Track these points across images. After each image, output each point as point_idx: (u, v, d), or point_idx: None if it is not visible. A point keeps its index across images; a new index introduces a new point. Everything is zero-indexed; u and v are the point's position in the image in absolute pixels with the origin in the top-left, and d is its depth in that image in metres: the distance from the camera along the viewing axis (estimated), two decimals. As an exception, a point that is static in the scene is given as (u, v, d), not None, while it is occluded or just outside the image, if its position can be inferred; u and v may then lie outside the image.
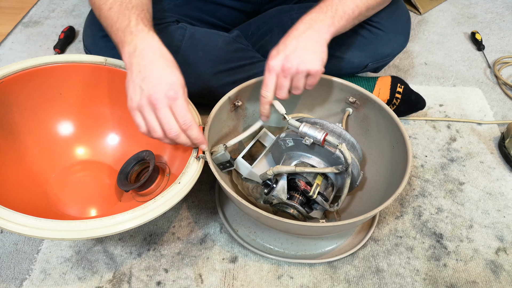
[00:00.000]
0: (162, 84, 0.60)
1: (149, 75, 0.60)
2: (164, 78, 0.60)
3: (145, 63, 0.61)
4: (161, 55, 0.63)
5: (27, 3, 1.39)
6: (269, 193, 0.70)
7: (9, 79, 0.70)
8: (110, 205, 0.76)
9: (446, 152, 0.96)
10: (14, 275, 0.72)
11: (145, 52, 0.62)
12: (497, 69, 1.18)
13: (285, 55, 0.66)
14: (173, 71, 0.62)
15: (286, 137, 0.71)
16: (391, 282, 0.73)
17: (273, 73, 0.67)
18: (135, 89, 0.61)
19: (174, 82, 0.61)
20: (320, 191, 0.69)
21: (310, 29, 0.69)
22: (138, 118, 0.63)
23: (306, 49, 0.67)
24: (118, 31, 0.65)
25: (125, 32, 0.64)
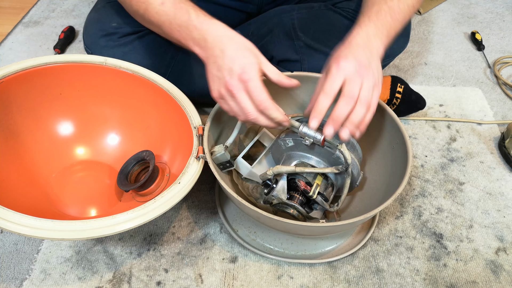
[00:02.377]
0: (234, 69, 0.60)
1: (222, 64, 0.61)
2: (236, 63, 0.60)
3: (217, 53, 0.62)
4: (230, 40, 0.63)
5: (27, 3, 1.39)
6: (269, 193, 0.70)
7: (9, 79, 0.70)
8: (110, 205, 0.77)
9: (446, 152, 0.96)
10: (14, 275, 0.72)
11: (215, 42, 0.62)
12: (497, 69, 1.18)
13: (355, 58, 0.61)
14: (244, 53, 0.61)
15: (286, 137, 0.71)
16: (391, 282, 0.73)
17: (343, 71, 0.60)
18: (214, 80, 0.63)
19: (245, 64, 0.60)
20: (320, 191, 0.69)
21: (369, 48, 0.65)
22: (224, 105, 0.64)
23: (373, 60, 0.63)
24: (181, 27, 0.66)
25: (189, 27, 0.65)
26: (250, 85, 0.59)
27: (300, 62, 0.94)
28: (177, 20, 0.66)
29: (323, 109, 0.61)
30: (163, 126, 0.79)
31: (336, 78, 0.60)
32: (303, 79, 0.80)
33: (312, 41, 0.93)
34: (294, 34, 0.93)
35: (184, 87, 0.78)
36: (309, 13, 0.94)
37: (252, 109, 0.61)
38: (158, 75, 0.78)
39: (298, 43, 0.93)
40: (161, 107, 0.78)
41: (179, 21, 0.66)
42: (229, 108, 0.63)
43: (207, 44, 0.63)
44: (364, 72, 0.61)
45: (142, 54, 0.85)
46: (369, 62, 0.62)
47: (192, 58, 0.87)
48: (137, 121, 0.81)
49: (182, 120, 0.74)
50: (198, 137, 0.71)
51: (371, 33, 0.66)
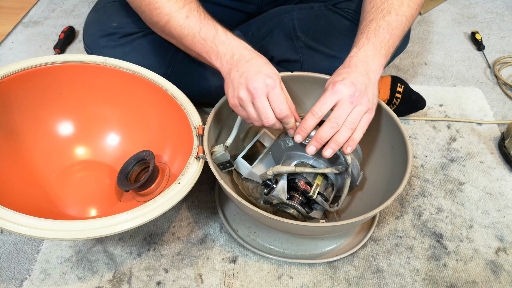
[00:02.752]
0: (261, 74, 0.61)
1: (247, 71, 0.62)
2: (262, 70, 0.62)
3: (243, 63, 0.64)
4: (257, 56, 0.65)
5: (27, 3, 1.39)
6: (269, 193, 0.70)
7: (9, 79, 0.70)
8: (110, 205, 0.77)
9: (446, 152, 0.96)
10: (14, 275, 0.72)
11: (241, 57, 0.64)
12: (497, 69, 1.18)
13: (352, 83, 0.63)
14: (270, 66, 0.64)
15: (286, 137, 0.71)
16: (391, 282, 0.73)
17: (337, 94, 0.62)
18: (234, 86, 0.63)
19: (272, 72, 0.62)
20: (320, 191, 0.69)
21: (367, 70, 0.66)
22: (241, 111, 0.65)
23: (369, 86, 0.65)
24: (206, 41, 0.67)
25: (215, 42, 0.66)
26: (274, 92, 0.62)
27: (300, 62, 0.94)
28: (202, 34, 0.67)
29: (308, 127, 0.64)
30: (163, 126, 0.79)
31: (328, 100, 0.63)
32: (303, 79, 0.80)
33: (312, 41, 0.93)
34: (294, 34, 0.93)
35: (184, 87, 0.78)
36: (309, 14, 0.94)
37: (271, 115, 0.62)
38: (158, 75, 0.78)
39: (298, 43, 0.93)
40: (161, 107, 0.78)
41: (205, 35, 0.67)
42: (246, 114, 0.65)
43: (233, 58, 0.65)
44: (358, 99, 0.62)
45: (142, 54, 0.85)
46: (365, 88, 0.64)
47: (191, 58, 0.87)
48: (137, 121, 0.81)
49: (182, 120, 0.74)
50: (198, 137, 0.71)
51: (369, 55, 0.67)
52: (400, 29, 0.71)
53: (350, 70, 0.65)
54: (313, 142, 0.63)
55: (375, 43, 0.68)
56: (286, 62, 0.95)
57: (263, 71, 0.62)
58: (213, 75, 0.88)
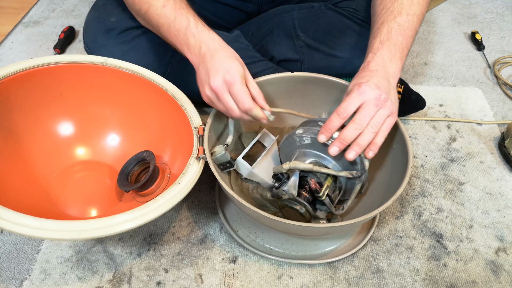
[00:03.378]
0: (220, 72, 0.64)
1: (209, 67, 0.65)
2: (222, 67, 0.64)
3: (207, 59, 0.66)
4: (222, 50, 0.66)
5: (27, 3, 1.39)
6: (279, 187, 0.70)
7: (9, 80, 0.70)
8: (111, 205, 0.77)
9: (446, 152, 0.96)
10: (14, 275, 0.72)
11: (207, 51, 0.66)
12: (497, 69, 1.18)
13: (377, 86, 0.63)
14: (231, 60, 0.65)
15: (303, 133, 0.71)
16: (391, 282, 0.73)
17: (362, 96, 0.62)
18: (202, 84, 0.67)
19: (231, 68, 0.64)
20: (328, 193, 0.69)
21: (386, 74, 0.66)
22: (214, 106, 0.68)
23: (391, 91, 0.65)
24: (179, 32, 0.69)
25: (187, 34, 0.68)
26: (233, 88, 0.64)
27: (300, 62, 0.94)
28: (176, 25, 0.69)
29: (333, 127, 0.64)
30: (163, 126, 0.79)
31: (353, 101, 0.63)
32: (303, 79, 0.81)
33: (312, 41, 0.93)
34: (294, 34, 0.93)
35: (184, 86, 0.78)
36: (309, 13, 0.94)
37: (236, 109, 0.65)
38: (158, 75, 0.78)
39: (298, 43, 0.93)
40: (162, 107, 0.78)
41: (178, 26, 0.68)
42: (218, 108, 0.68)
43: (200, 52, 0.67)
44: (383, 102, 0.63)
45: (141, 53, 0.85)
46: (388, 92, 0.64)
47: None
48: (138, 121, 0.81)
49: (182, 120, 0.74)
50: (198, 138, 0.71)
51: (386, 59, 0.67)
52: (412, 29, 0.70)
53: (372, 74, 0.65)
54: (336, 143, 0.63)
55: (389, 47, 0.67)
56: (286, 61, 0.95)
57: (223, 67, 0.64)
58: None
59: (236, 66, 0.64)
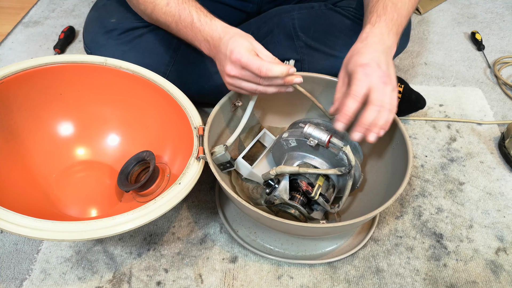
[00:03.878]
0: (226, 55, 0.64)
1: (220, 57, 0.66)
2: (227, 49, 0.63)
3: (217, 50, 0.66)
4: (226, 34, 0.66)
5: (27, 3, 1.39)
6: (271, 193, 0.70)
7: (9, 80, 0.70)
8: (111, 205, 0.77)
9: (446, 152, 0.96)
10: (14, 275, 0.72)
11: (215, 42, 0.67)
12: (497, 69, 1.18)
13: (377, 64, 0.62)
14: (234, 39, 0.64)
15: (288, 137, 0.71)
16: (391, 282, 0.73)
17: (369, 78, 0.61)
18: (223, 76, 0.67)
19: (233, 47, 0.63)
20: (322, 192, 0.69)
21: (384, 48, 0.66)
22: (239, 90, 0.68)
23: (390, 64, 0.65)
24: (187, 29, 0.70)
25: (193, 30, 0.69)
26: (243, 61, 0.62)
27: (300, 62, 0.94)
28: (182, 22, 0.70)
29: (351, 112, 0.61)
30: (163, 126, 0.79)
31: (363, 83, 0.61)
32: (303, 79, 0.80)
33: (312, 41, 0.93)
34: (294, 34, 0.93)
35: (184, 86, 0.78)
36: (309, 13, 0.94)
37: (258, 79, 0.64)
38: (158, 75, 0.78)
39: (298, 43, 0.93)
40: (162, 107, 0.78)
41: (184, 23, 0.70)
42: (245, 91, 0.67)
43: (210, 45, 0.68)
44: (387, 80, 0.62)
45: (141, 53, 0.85)
46: (387, 67, 0.63)
47: (191, 57, 0.87)
48: (138, 121, 0.81)
49: (182, 121, 0.74)
50: (198, 138, 0.71)
51: (384, 31, 0.67)
52: (405, 9, 0.71)
53: (371, 48, 0.64)
54: (358, 128, 0.62)
55: (386, 21, 0.68)
56: (286, 61, 0.95)
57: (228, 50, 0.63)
58: (212, 74, 0.88)
59: (238, 43, 0.63)
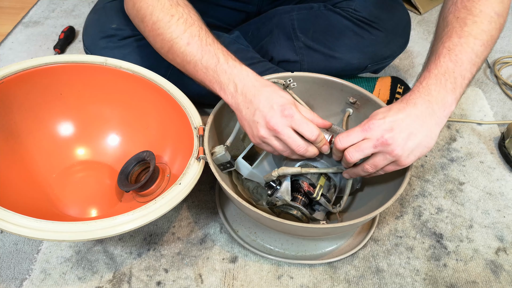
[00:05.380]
0: (274, 108, 0.60)
1: (258, 106, 0.60)
2: (274, 102, 0.60)
3: (250, 98, 0.61)
4: (262, 85, 0.62)
5: (27, 3, 1.39)
6: (272, 195, 0.70)
7: (9, 80, 0.70)
8: (111, 205, 0.77)
9: (446, 152, 0.96)
10: (14, 275, 0.72)
11: (246, 89, 0.62)
12: (497, 69, 1.18)
13: (391, 127, 0.57)
14: (280, 94, 0.61)
15: None
16: (391, 282, 0.73)
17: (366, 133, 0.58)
18: (251, 125, 0.62)
19: (284, 102, 0.60)
20: (323, 193, 0.69)
21: (429, 111, 0.58)
22: (267, 147, 0.64)
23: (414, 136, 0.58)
24: (208, 70, 0.64)
25: (217, 71, 0.64)
26: (295, 118, 0.60)
27: (299, 63, 0.94)
28: (203, 63, 0.65)
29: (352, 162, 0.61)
30: (163, 126, 0.79)
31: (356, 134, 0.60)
32: (303, 79, 0.80)
33: (312, 41, 0.93)
34: (293, 34, 0.93)
35: (184, 88, 0.78)
36: (308, 14, 0.94)
37: (301, 142, 0.61)
38: (159, 76, 0.78)
39: (298, 43, 0.93)
40: (162, 107, 0.78)
41: (206, 64, 0.65)
42: (272, 149, 0.64)
43: (237, 90, 0.63)
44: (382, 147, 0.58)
45: (141, 56, 0.85)
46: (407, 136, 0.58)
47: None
48: (138, 121, 0.81)
49: (182, 121, 0.74)
50: (198, 138, 0.71)
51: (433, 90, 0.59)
52: (468, 52, 0.61)
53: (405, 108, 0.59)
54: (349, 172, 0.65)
55: (437, 76, 0.59)
56: (285, 62, 0.95)
57: (276, 102, 0.60)
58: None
59: (286, 98, 0.61)
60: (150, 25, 0.68)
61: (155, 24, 0.67)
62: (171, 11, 0.67)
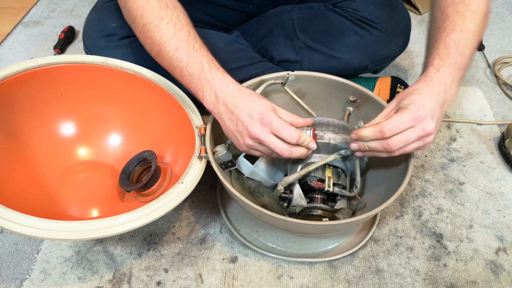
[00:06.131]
0: (253, 117, 0.61)
1: (239, 117, 0.62)
2: (253, 110, 0.62)
3: (231, 108, 0.63)
4: (242, 94, 0.64)
5: (27, 3, 1.39)
6: (289, 205, 0.70)
7: (10, 80, 0.70)
8: (112, 205, 0.77)
9: (446, 152, 0.96)
10: (14, 275, 0.72)
11: (226, 98, 0.63)
12: (497, 69, 1.18)
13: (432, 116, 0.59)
14: (258, 101, 0.63)
15: None
16: (391, 282, 0.73)
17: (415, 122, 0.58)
18: (235, 135, 0.64)
19: (262, 109, 0.62)
20: (335, 182, 0.69)
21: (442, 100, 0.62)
22: (256, 153, 0.66)
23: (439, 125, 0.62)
24: (193, 77, 0.66)
25: (200, 79, 0.65)
26: (274, 125, 0.61)
27: (300, 62, 0.94)
28: (189, 69, 0.66)
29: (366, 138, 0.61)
30: (165, 126, 0.80)
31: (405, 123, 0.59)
32: (303, 78, 0.81)
33: (312, 41, 0.93)
34: (293, 34, 0.93)
35: (184, 88, 0.78)
36: (308, 14, 0.94)
37: (284, 146, 0.62)
38: (159, 76, 0.78)
39: (298, 43, 0.93)
40: (163, 107, 0.78)
41: (191, 71, 0.66)
42: (261, 154, 0.66)
43: (218, 100, 0.64)
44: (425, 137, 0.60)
45: (141, 56, 0.85)
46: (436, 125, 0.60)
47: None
48: (139, 121, 0.81)
49: (184, 120, 0.74)
50: (200, 137, 0.71)
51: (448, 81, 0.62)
52: (469, 47, 0.65)
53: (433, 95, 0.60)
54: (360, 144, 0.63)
55: (450, 67, 0.63)
56: (285, 62, 0.95)
57: (254, 111, 0.61)
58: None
59: (264, 105, 0.62)
60: (141, 27, 0.69)
61: (145, 26, 0.68)
62: (161, 14, 0.67)
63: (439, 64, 0.63)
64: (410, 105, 0.59)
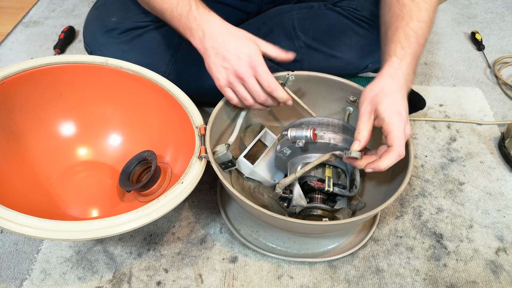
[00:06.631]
0: (242, 57, 0.65)
1: (227, 55, 0.66)
2: (241, 51, 0.65)
3: (218, 44, 0.66)
4: (229, 33, 0.67)
5: (27, 3, 1.39)
6: (289, 205, 0.71)
7: (10, 80, 0.70)
8: (112, 205, 0.77)
9: (446, 152, 0.96)
10: (14, 275, 0.72)
11: (213, 35, 0.67)
12: (497, 69, 1.18)
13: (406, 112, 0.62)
14: (246, 43, 0.66)
15: (281, 148, 0.72)
16: (391, 282, 0.73)
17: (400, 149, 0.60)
18: (219, 70, 0.67)
19: (251, 52, 0.65)
20: (335, 182, 0.69)
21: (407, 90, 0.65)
22: (229, 93, 0.69)
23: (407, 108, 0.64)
24: (181, 17, 0.69)
25: (189, 18, 0.69)
26: (258, 70, 0.65)
27: (300, 62, 0.94)
28: (178, 9, 0.70)
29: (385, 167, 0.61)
30: (164, 126, 0.80)
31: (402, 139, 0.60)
32: (303, 78, 0.81)
33: (312, 41, 0.93)
34: (294, 34, 0.93)
35: (184, 86, 0.78)
36: (309, 13, 0.94)
37: (261, 91, 0.67)
38: (159, 75, 0.78)
39: (298, 43, 0.93)
40: (163, 107, 0.78)
41: (180, 11, 0.69)
42: (234, 95, 0.69)
43: (205, 35, 0.67)
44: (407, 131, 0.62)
45: (141, 52, 0.85)
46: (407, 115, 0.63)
47: (192, 57, 0.87)
48: (139, 121, 0.81)
49: (183, 120, 0.74)
50: (200, 137, 0.71)
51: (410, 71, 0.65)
52: (424, 37, 0.68)
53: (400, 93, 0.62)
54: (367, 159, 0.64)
55: (411, 56, 0.65)
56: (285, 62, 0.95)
57: (243, 52, 0.65)
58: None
59: (252, 47, 0.66)
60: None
61: None
62: None
63: (402, 53, 0.65)
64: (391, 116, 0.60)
